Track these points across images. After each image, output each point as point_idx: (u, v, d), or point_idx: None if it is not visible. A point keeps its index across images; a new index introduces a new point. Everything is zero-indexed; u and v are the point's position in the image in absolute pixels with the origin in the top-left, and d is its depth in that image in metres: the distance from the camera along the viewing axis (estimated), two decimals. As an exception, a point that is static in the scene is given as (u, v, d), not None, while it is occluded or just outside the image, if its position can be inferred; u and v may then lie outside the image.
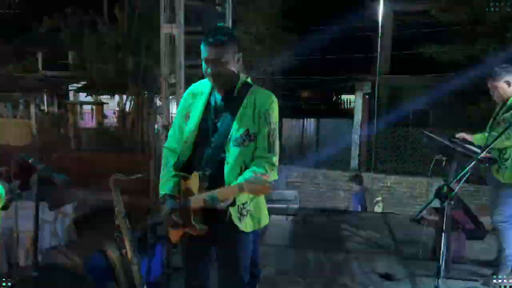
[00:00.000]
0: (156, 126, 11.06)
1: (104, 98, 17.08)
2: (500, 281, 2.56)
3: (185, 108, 2.16)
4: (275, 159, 2.03)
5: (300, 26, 12.23)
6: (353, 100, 14.30)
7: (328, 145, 12.11)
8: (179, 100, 5.12)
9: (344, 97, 19.14)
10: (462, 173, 2.00)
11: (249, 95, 2.05)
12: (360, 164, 11.21)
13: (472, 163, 2.08)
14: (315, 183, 8.39)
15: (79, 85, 16.52)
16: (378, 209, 7.12)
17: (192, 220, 1.94)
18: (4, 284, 1.89)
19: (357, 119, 11.93)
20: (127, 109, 14.07)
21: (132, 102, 14.27)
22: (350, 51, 12.59)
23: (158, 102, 11.46)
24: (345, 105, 18.29)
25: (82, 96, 17.31)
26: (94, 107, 17.13)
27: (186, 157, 2.09)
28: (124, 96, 15.02)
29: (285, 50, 12.20)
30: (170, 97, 5.40)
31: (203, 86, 2.15)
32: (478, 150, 3.13)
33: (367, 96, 12.42)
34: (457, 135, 3.60)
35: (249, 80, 2.12)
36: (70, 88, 17.17)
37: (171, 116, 5.25)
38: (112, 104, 18.46)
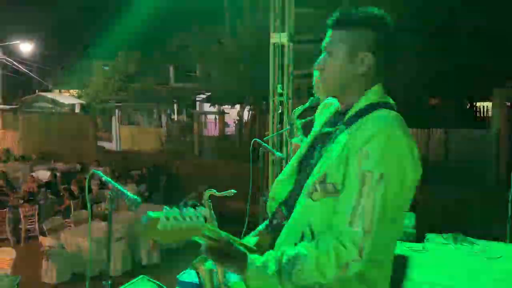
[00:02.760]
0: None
1: (226, 108, 17.96)
2: None
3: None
4: (360, 238, 1.14)
5: (430, 26, 11.22)
6: (490, 108, 12.85)
7: (459, 158, 10.93)
8: (287, 111, 5.00)
9: (480, 104, 17.16)
10: None
11: (354, 124, 1.26)
12: (498, 181, 9.85)
13: None
14: (443, 204, 7.43)
15: (204, 96, 17.65)
16: None
17: None
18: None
19: (495, 129, 10.70)
20: (244, 119, 14.56)
21: (250, 112, 14.72)
22: (487, 53, 11.19)
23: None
24: (481, 114, 16.39)
25: (207, 106, 18.41)
26: (217, 116, 18.09)
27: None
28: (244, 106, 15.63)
29: (413, 54, 11.29)
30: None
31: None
32: None
33: (507, 104, 11.05)
34: None
35: (381, 101, 1.31)
36: (196, 99, 18.43)
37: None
38: (234, 113, 19.32)
